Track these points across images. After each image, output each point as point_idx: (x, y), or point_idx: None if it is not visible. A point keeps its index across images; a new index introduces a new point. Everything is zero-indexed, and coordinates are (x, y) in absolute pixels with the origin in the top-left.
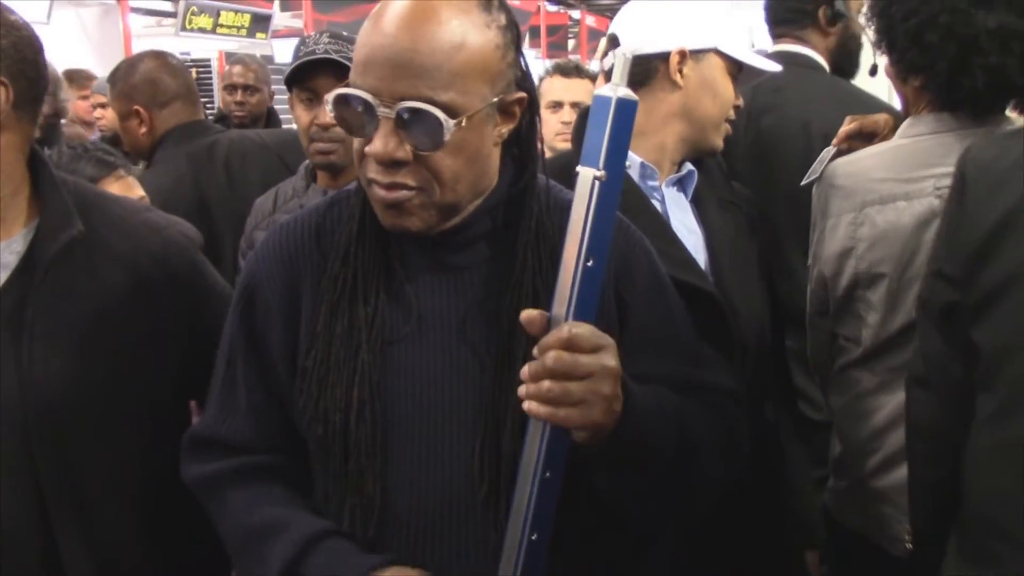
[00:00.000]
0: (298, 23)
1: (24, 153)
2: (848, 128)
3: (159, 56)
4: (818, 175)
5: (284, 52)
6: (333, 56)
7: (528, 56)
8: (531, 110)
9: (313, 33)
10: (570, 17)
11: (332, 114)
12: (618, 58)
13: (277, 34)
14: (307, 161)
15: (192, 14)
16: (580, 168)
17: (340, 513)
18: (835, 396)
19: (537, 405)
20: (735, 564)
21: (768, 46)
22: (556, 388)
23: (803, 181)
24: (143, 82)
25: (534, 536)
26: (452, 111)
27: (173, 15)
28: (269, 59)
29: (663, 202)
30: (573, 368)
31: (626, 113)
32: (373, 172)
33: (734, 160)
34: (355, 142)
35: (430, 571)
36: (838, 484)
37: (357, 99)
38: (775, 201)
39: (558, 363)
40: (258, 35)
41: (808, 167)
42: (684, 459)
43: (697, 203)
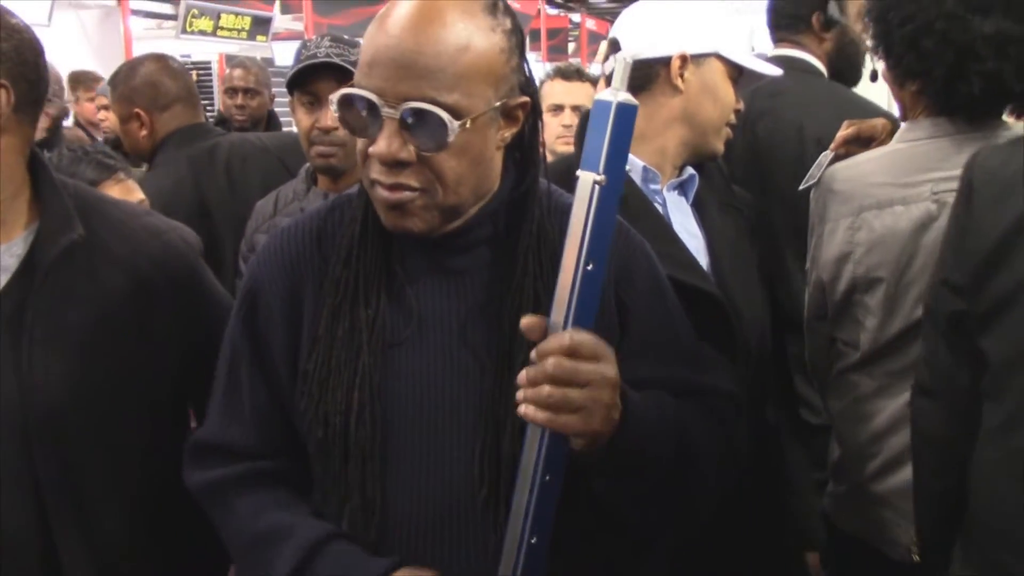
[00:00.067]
0: (299, 26)
1: (24, 156)
2: (846, 133)
3: (160, 59)
4: (816, 180)
5: (284, 55)
6: (335, 60)
7: (528, 59)
8: (534, 115)
9: (315, 37)
10: (570, 20)
11: (336, 115)
12: (619, 62)
13: (277, 37)
14: (308, 164)
15: (193, 17)
16: (580, 172)
17: (340, 515)
18: (834, 400)
19: (535, 410)
20: (735, 565)
21: (769, 50)
22: (556, 394)
23: (801, 186)
24: (144, 85)
25: (533, 540)
26: (456, 113)
27: (174, 17)
28: (269, 62)
29: (664, 206)
30: (574, 375)
31: (626, 117)
32: (376, 173)
33: (731, 164)
34: (359, 143)
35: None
36: (837, 488)
37: (361, 99)
38: (771, 205)
39: (559, 369)
40: (258, 38)
41: (802, 171)
42: (683, 466)
43: (698, 207)
